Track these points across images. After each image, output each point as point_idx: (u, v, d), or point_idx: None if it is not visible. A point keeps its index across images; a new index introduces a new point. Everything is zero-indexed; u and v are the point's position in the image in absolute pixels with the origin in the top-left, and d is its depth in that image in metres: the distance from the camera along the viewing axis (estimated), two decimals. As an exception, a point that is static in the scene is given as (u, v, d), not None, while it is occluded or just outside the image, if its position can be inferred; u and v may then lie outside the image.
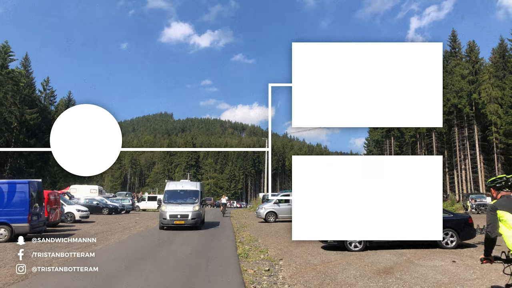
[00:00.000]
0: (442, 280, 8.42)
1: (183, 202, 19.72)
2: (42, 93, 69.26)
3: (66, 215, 23.55)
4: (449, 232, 12.78)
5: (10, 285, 7.89)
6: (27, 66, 64.73)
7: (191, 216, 19.01)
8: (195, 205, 19.50)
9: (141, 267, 9.74)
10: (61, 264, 9.63)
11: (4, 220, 13.94)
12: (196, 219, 19.16)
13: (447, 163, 70.30)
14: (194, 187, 20.93)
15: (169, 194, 20.25)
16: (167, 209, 19.25)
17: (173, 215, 19.00)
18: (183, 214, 19.02)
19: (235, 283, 8.23)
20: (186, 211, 19.12)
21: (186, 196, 20.21)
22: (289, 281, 8.46)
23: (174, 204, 19.50)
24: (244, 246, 13.54)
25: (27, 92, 61.09)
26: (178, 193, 20.35)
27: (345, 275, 8.91)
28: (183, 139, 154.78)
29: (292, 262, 10.61)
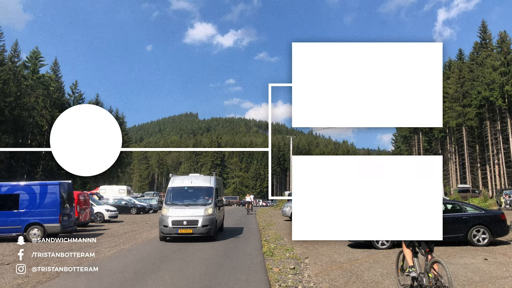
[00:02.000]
0: (473, 278, 8.15)
1: (192, 203, 15.04)
2: (71, 96, 71.21)
3: (96, 215, 24.14)
4: (480, 229, 12.37)
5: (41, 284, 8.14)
6: (57, 71, 66.72)
7: (202, 222, 14.25)
8: (208, 207, 14.72)
9: (168, 264, 9.86)
10: (97, 262, 9.86)
11: (37, 220, 14.42)
12: (209, 227, 14.40)
13: (478, 158, 68.18)
14: (207, 182, 15.88)
15: (173, 192, 15.57)
16: (169, 213, 14.47)
17: (177, 222, 14.25)
18: (191, 220, 14.25)
19: (260, 281, 8.22)
20: (196, 215, 14.34)
21: (196, 195, 15.59)
22: (315, 279, 8.38)
23: (180, 206, 14.80)
24: (270, 245, 13.52)
25: (57, 96, 62.97)
26: (185, 191, 15.63)
27: (371, 273, 8.76)
28: (208, 139, 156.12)
29: (318, 260, 10.52)
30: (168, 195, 15.49)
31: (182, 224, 14.25)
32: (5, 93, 49.13)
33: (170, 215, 14.40)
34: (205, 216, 14.42)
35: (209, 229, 14.42)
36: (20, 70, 56.92)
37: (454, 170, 71.72)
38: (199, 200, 15.34)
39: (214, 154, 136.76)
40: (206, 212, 14.52)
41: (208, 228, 14.38)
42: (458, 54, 74.58)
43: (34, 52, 62.58)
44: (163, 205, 15.25)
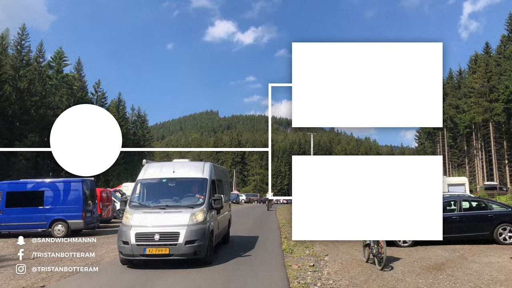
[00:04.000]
0: (498, 278, 7.90)
1: (172, 204, 9.82)
2: (94, 95, 72.47)
3: (118, 212, 24.54)
4: (507, 227, 12.00)
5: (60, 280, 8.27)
6: (80, 70, 68.00)
7: (187, 236, 9.05)
8: (197, 211, 9.51)
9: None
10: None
11: (61, 216, 14.75)
12: (198, 243, 9.11)
13: (506, 154, 66.17)
14: (197, 172, 10.49)
15: (144, 188, 10.37)
16: (132, 221, 9.33)
17: (145, 236, 9.05)
18: (167, 233, 9.04)
19: (279, 277, 8.17)
20: (176, 224, 9.18)
21: (179, 191, 10.34)
22: (334, 276, 8.28)
23: (151, 210, 9.63)
24: (289, 242, 13.45)
25: (80, 95, 64.22)
26: (162, 186, 10.42)
27: (392, 271, 8.59)
28: (228, 136, 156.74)
29: (338, 258, 10.40)
30: (135, 192, 10.10)
31: (152, 239, 8.89)
32: (31, 93, 50.49)
33: (134, 225, 9.13)
34: (191, 225, 9.10)
35: (198, 247, 9.05)
36: (45, 70, 58.34)
37: (481, 167, 69.83)
38: (184, 199, 10.03)
39: (235, 152, 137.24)
40: (193, 219, 9.23)
41: (196, 245, 9.01)
42: (485, 47, 72.49)
43: (58, 52, 64.07)
44: (126, 208, 9.73)
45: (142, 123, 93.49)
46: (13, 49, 53.67)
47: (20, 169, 43.16)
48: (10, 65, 49.96)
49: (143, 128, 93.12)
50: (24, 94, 49.51)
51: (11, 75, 48.75)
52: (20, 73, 49.78)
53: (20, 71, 50.09)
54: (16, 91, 48.60)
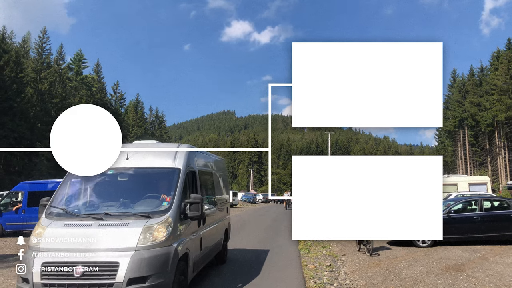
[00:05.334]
0: (522, 279, 7.68)
1: (116, 212, 5.82)
2: (113, 96, 73.72)
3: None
4: (530, 227, 11.66)
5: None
6: (99, 72, 69.23)
7: (130, 269, 5.06)
8: (156, 223, 5.55)
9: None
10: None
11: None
12: (153, 282, 5.17)
13: (529, 153, 64.50)
14: (165, 159, 6.59)
15: (78, 184, 6.45)
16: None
17: (57, 268, 5.08)
18: (95, 264, 5.08)
19: (295, 277, 8.13)
20: (112, 248, 5.21)
21: (133, 189, 6.55)
22: (351, 276, 8.19)
23: (80, 219, 5.67)
24: (306, 241, 13.36)
25: (99, 96, 65.35)
26: (108, 182, 6.54)
27: (410, 271, 8.45)
28: (245, 136, 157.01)
29: (355, 258, 10.29)
30: (61, 192, 6.30)
31: (70, 275, 5.10)
32: (52, 95, 51.61)
33: (44, 248, 5.38)
34: (142, 249, 5.30)
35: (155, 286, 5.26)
36: (65, 72, 59.57)
37: (504, 165, 68.17)
38: (138, 203, 6.20)
39: (252, 152, 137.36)
40: (147, 238, 5.42)
41: (150, 286, 5.19)
42: (507, 43, 70.65)
43: (78, 54, 65.36)
44: (41, 217, 6.02)
45: (160, 124, 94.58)
46: (34, 52, 54.99)
47: (41, 169, 44.10)
48: (31, 68, 51.18)
49: (161, 129, 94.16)
50: (45, 96, 50.63)
51: (32, 77, 49.92)
52: (41, 76, 50.93)
53: (41, 73, 51.26)
54: (37, 93, 49.74)
